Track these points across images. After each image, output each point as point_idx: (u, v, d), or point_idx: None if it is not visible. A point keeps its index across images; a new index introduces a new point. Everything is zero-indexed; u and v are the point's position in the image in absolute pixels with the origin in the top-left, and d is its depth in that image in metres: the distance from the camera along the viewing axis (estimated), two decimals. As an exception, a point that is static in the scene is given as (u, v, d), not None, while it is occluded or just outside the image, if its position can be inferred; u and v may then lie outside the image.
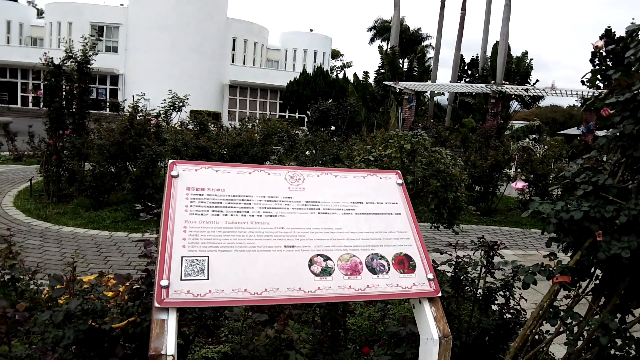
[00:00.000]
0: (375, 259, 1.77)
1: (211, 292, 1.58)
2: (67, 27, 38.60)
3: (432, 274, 1.76)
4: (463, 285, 3.42)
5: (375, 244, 1.81)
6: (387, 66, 27.60)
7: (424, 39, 52.14)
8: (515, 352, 2.56)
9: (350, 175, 2.02)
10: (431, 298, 1.74)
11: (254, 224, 1.76)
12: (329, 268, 1.70)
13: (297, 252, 1.71)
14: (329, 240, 1.77)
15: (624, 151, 2.55)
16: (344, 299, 1.68)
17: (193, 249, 1.66)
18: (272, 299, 1.60)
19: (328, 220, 1.83)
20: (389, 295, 1.71)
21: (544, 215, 2.49)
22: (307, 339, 2.68)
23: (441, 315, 1.69)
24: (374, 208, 1.92)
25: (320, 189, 1.92)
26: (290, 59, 46.79)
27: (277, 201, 1.85)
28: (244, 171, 1.91)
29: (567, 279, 2.46)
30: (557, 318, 2.45)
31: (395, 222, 1.90)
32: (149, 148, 7.65)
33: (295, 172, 1.94)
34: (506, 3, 28.38)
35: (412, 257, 1.80)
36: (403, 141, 5.19)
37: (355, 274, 1.70)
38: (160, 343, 1.50)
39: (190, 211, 1.76)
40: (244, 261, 1.65)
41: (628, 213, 2.32)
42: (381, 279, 1.72)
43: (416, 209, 5.56)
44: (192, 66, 37.90)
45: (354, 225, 1.85)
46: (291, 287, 1.61)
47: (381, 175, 2.05)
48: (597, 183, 2.49)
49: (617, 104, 2.64)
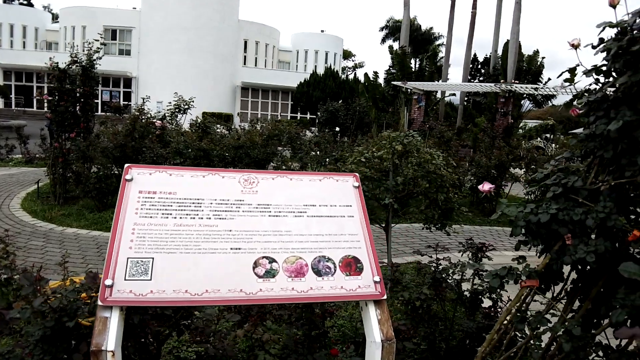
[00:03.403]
0: (322, 261, 1.78)
1: (152, 292, 1.60)
2: (81, 31, 39.11)
3: (378, 277, 1.77)
4: (443, 288, 3.41)
5: (324, 247, 1.82)
6: (397, 66, 27.48)
7: (436, 39, 51.83)
8: (482, 356, 2.54)
9: (305, 178, 2.03)
10: (377, 301, 1.74)
11: (202, 227, 1.78)
12: (273, 270, 1.72)
13: (243, 255, 1.73)
14: (277, 242, 1.79)
15: (596, 152, 2.53)
16: (286, 301, 1.69)
17: (139, 251, 1.69)
18: (213, 299, 1.63)
19: (278, 222, 1.85)
20: (332, 297, 1.72)
21: (512, 218, 2.47)
22: (278, 339, 2.69)
23: (386, 319, 1.69)
24: (327, 211, 1.93)
25: (273, 192, 1.94)
26: (302, 60, 46.88)
27: (228, 204, 1.87)
28: (198, 175, 1.93)
29: (535, 283, 2.44)
30: (524, 323, 2.43)
31: (348, 224, 1.91)
32: (150, 150, 7.72)
33: (250, 175, 1.96)
34: (517, 1, 28.09)
35: (360, 260, 1.81)
36: (395, 142, 5.18)
37: (299, 276, 1.72)
38: (101, 339, 1.54)
39: (140, 214, 1.79)
40: (188, 263, 1.68)
41: (596, 216, 2.29)
42: (325, 281, 1.73)
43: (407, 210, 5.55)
44: (204, 68, 38.17)
45: (305, 227, 1.86)
46: (233, 288, 1.63)
47: (338, 178, 2.06)
48: (567, 185, 2.47)
49: (590, 103, 2.62)
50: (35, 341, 2.26)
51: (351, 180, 2.07)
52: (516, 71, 27.15)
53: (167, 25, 37.79)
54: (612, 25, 2.64)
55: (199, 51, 38.04)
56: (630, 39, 2.48)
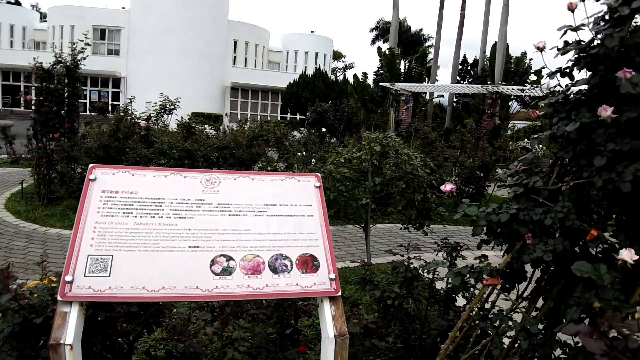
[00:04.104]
0: (279, 259, 1.82)
1: (111, 288, 1.65)
2: (69, 31, 38.87)
3: (334, 274, 1.82)
4: (414, 286, 3.46)
5: (282, 245, 1.86)
6: (386, 67, 27.66)
7: (426, 40, 52.11)
8: (445, 353, 2.59)
9: (267, 178, 2.07)
10: (332, 297, 1.79)
11: (161, 226, 1.82)
12: (230, 268, 1.76)
13: (201, 253, 1.77)
14: (235, 241, 1.83)
15: (557, 153, 2.59)
16: (243, 297, 1.74)
17: (99, 248, 1.73)
18: (169, 296, 1.67)
19: (238, 222, 1.89)
20: (288, 294, 1.77)
21: (474, 218, 2.52)
22: (248, 337, 2.73)
23: (340, 315, 1.73)
24: (287, 210, 1.98)
25: (235, 192, 1.98)
26: (292, 61, 46.90)
27: (189, 204, 1.91)
28: (160, 175, 1.97)
29: (496, 282, 2.49)
30: (485, 320, 2.48)
31: (307, 223, 1.96)
32: (134, 151, 7.73)
33: (212, 175, 2.00)
34: (504, 3, 28.34)
35: (317, 258, 1.86)
36: (373, 143, 5.23)
37: (256, 274, 1.76)
38: (60, 333, 1.57)
39: (102, 213, 1.83)
40: (146, 260, 1.73)
41: (554, 216, 2.35)
42: (281, 279, 1.77)
43: (385, 210, 5.61)
44: (193, 69, 38.08)
45: (264, 226, 1.91)
46: (189, 285, 1.68)
47: (300, 179, 2.11)
48: (528, 185, 2.53)
49: (553, 105, 2.68)
50: (4, 337, 2.30)
51: (313, 180, 2.12)
52: (504, 72, 27.39)
53: (156, 25, 37.67)
54: (573, 28, 2.71)
55: (189, 51, 37.96)
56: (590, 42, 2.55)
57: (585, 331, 1.66)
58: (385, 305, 3.51)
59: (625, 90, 2.24)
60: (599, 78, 2.48)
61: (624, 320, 2.20)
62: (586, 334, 1.65)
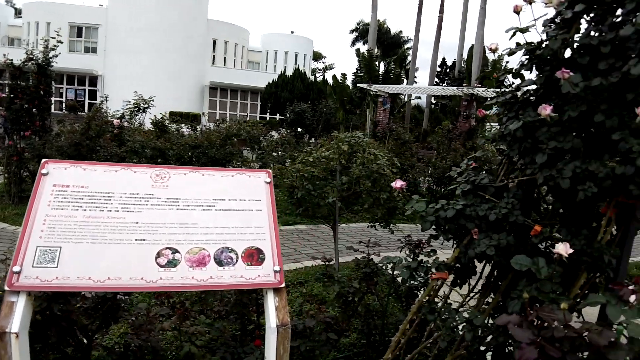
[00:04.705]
0: (225, 252, 1.88)
1: (58, 278, 1.69)
2: (45, 27, 38.25)
3: (278, 267, 1.88)
4: (374, 282, 3.53)
5: (229, 239, 1.92)
6: (364, 68, 27.83)
7: (405, 42, 52.54)
8: (395, 345, 2.67)
9: (218, 174, 2.13)
10: (276, 289, 1.85)
11: (110, 219, 1.87)
12: (175, 260, 1.81)
13: (147, 245, 1.82)
14: (182, 235, 1.89)
15: (504, 151, 2.69)
16: (186, 289, 1.79)
17: (48, 240, 1.77)
18: (114, 286, 1.73)
19: (185, 216, 1.95)
20: (232, 285, 1.83)
21: (422, 214, 2.61)
22: (205, 332, 2.77)
23: (283, 305, 1.80)
24: (236, 205, 2.04)
25: (184, 187, 2.04)
26: (271, 61, 46.86)
27: (138, 198, 1.96)
28: (111, 169, 2.01)
29: (444, 276, 2.58)
30: (434, 314, 2.57)
31: (255, 218, 2.02)
32: (105, 149, 7.70)
33: (162, 170, 2.05)
34: (482, 7, 28.73)
35: (263, 251, 1.92)
36: (341, 142, 5.31)
37: (200, 266, 1.82)
38: (6, 322, 1.62)
39: (52, 206, 1.87)
40: (93, 252, 1.78)
41: (498, 211, 2.44)
42: (226, 271, 1.83)
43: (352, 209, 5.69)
44: (171, 68, 37.80)
45: (211, 221, 1.96)
46: (134, 276, 1.73)
47: (250, 174, 2.16)
48: (475, 182, 2.62)
49: (503, 104, 2.78)
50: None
51: (263, 176, 2.18)
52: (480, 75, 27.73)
53: (135, 23, 37.31)
54: (521, 30, 2.81)
55: (167, 50, 37.68)
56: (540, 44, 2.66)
57: (514, 321, 1.74)
58: (345, 300, 3.58)
59: (565, 90, 2.35)
60: (545, 78, 2.59)
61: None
62: (515, 324, 1.73)
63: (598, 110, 2.31)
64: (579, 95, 2.33)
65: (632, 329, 1.76)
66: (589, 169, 2.24)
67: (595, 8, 2.53)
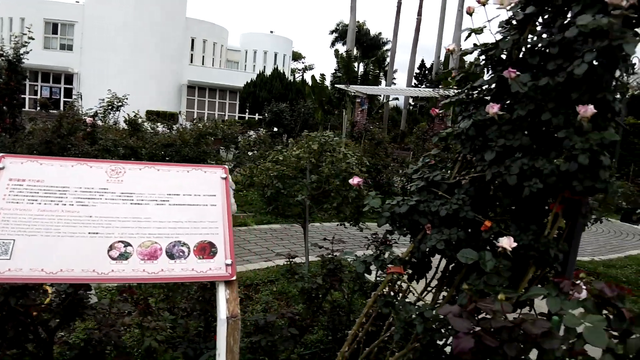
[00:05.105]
0: (177, 246, 1.93)
1: (10, 270, 1.72)
2: (19, 23, 37.52)
3: (230, 260, 1.93)
4: (337, 278, 3.60)
5: (182, 233, 1.97)
6: (343, 69, 28.00)
7: (384, 44, 52.81)
8: (352, 338, 2.74)
9: (173, 169, 2.17)
10: (227, 281, 1.90)
11: (64, 212, 1.90)
12: (127, 253, 1.85)
13: (100, 239, 1.86)
14: (135, 228, 1.92)
15: (457, 149, 2.78)
16: (137, 280, 1.83)
17: (2, 233, 1.80)
18: (67, 278, 1.77)
19: (139, 210, 1.99)
20: (182, 278, 1.88)
21: (378, 210, 2.68)
22: (166, 327, 2.81)
23: (234, 298, 1.85)
24: (190, 200, 2.08)
25: (139, 181, 2.07)
26: (250, 60, 46.71)
27: (92, 192, 1.99)
28: (67, 164, 2.04)
29: (399, 270, 2.65)
30: (388, 307, 2.64)
31: (209, 212, 2.06)
32: (76, 147, 7.64)
33: (117, 165, 2.09)
34: (459, 9, 29.11)
35: (215, 245, 1.97)
36: (312, 141, 5.37)
37: (152, 259, 1.86)
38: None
39: (7, 200, 1.89)
40: (47, 245, 1.81)
41: (449, 207, 2.53)
42: (177, 264, 1.87)
43: (321, 208, 5.75)
44: (149, 66, 37.45)
45: (165, 215, 2.01)
46: (86, 268, 1.77)
47: (206, 170, 2.21)
48: (429, 179, 2.70)
49: (458, 103, 2.88)
50: None
51: (219, 172, 2.23)
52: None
53: (112, 20, 36.86)
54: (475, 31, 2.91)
55: (145, 48, 37.32)
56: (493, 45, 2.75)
57: (455, 312, 1.81)
58: (309, 296, 3.64)
59: (514, 89, 2.44)
60: (497, 78, 2.68)
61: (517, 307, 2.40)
62: (455, 314, 1.80)
63: (546, 109, 2.41)
64: (528, 94, 2.42)
65: (568, 320, 1.83)
66: (535, 165, 2.33)
67: (547, 10, 2.63)
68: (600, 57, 2.21)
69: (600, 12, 2.22)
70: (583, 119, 2.14)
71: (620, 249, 10.25)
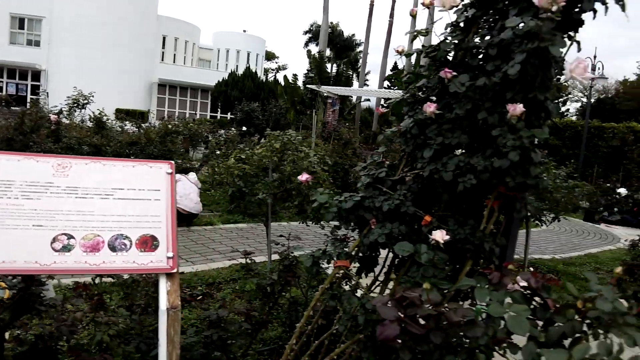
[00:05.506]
0: (119, 239, 1.99)
1: (-49, 261, 1.75)
2: (-16, 18, 36.62)
3: (172, 253, 2.00)
4: (293, 273, 3.67)
5: (125, 226, 2.03)
6: (315, 70, 28.09)
7: (358, 45, 53.17)
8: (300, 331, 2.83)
9: (119, 164, 2.23)
10: (169, 274, 1.97)
11: (8, 206, 1.94)
12: (70, 245, 1.91)
13: (43, 231, 1.91)
14: (78, 221, 1.98)
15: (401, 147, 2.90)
16: (79, 272, 1.88)
17: (-54, 225, 1.82)
18: (9, 269, 1.82)
19: (83, 204, 2.04)
20: (124, 270, 1.94)
21: (326, 205, 2.78)
22: (118, 322, 2.85)
23: (174, 290, 1.92)
24: (135, 194, 2.14)
25: (84, 176, 2.12)
26: (223, 59, 46.45)
27: (38, 186, 2.03)
28: (13, 159, 2.08)
29: (346, 264, 2.76)
30: (334, 299, 2.74)
31: (152, 207, 2.13)
32: (38, 145, 7.56)
33: (64, 160, 2.13)
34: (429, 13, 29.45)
35: (157, 238, 2.03)
36: (274, 140, 5.45)
37: (94, 251, 1.92)
38: None
39: (-48, 193, 1.92)
40: (-10, 237, 1.84)
41: (392, 202, 2.64)
42: (119, 256, 1.94)
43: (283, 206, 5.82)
44: (119, 63, 36.89)
45: (109, 209, 2.06)
46: (29, 260, 1.82)
47: (152, 165, 2.27)
48: (374, 176, 2.82)
49: (405, 103, 2.99)
50: None
51: (165, 167, 2.29)
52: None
53: (81, 16, 36.18)
54: (420, 32, 3.03)
55: (115, 45, 36.76)
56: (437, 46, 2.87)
57: (383, 301, 1.90)
58: (265, 292, 3.71)
59: (453, 89, 2.57)
60: (438, 78, 2.81)
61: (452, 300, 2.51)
62: (383, 303, 1.89)
63: (482, 109, 2.53)
64: (467, 94, 2.55)
65: (492, 309, 1.94)
66: (470, 162, 2.46)
67: (490, 13, 2.77)
68: (532, 58, 2.33)
69: (535, 16, 2.34)
70: (512, 117, 2.27)
71: (580, 248, 10.60)
